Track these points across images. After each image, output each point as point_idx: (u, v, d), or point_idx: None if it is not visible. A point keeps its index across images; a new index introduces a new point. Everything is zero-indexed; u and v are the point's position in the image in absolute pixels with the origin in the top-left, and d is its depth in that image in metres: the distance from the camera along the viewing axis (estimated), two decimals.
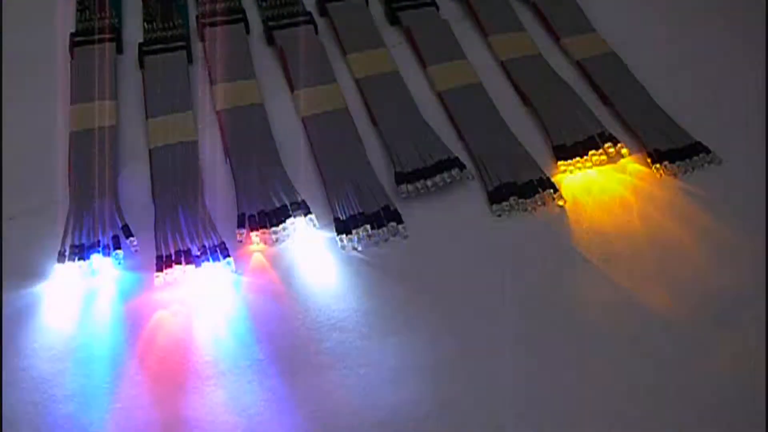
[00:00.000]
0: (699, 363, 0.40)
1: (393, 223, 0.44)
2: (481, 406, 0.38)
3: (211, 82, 0.53)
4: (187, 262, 0.42)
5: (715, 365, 0.39)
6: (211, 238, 0.43)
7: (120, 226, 0.43)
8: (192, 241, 0.43)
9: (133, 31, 0.57)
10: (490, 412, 0.38)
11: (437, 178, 0.46)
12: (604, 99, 0.53)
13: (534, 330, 0.41)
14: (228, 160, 0.48)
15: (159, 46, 0.54)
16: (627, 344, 0.40)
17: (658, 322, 0.41)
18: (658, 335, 0.41)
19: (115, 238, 0.43)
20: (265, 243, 0.44)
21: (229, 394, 0.38)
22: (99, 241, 0.43)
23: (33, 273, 0.42)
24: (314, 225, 0.44)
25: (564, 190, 0.47)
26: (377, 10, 0.60)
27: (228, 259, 0.42)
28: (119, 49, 0.55)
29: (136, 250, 0.43)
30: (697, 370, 0.39)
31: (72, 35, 0.55)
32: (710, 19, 0.61)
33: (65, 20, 0.57)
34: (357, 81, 0.53)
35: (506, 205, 0.46)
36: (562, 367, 0.39)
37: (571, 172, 0.49)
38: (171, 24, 0.57)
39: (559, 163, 0.49)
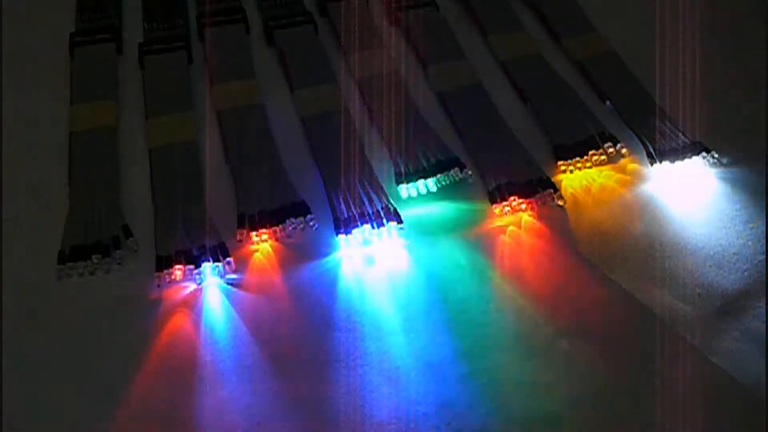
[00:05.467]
0: (699, 362, 0.40)
1: (393, 223, 0.44)
2: (481, 406, 0.38)
3: (211, 82, 0.53)
4: (187, 262, 0.42)
5: (715, 365, 0.39)
6: (211, 238, 0.43)
7: (120, 226, 0.43)
8: (192, 241, 0.43)
9: (133, 31, 0.57)
10: (489, 412, 0.37)
11: (437, 178, 0.46)
12: (604, 99, 0.53)
13: (534, 329, 0.41)
14: (228, 160, 0.48)
15: (159, 46, 0.54)
16: (626, 343, 0.40)
17: (657, 322, 0.41)
18: (658, 335, 0.41)
19: (115, 238, 0.43)
20: (265, 243, 0.44)
21: (229, 394, 0.38)
22: (99, 241, 0.43)
23: (33, 273, 0.42)
24: (314, 225, 0.44)
25: (564, 190, 0.47)
26: (377, 9, 0.60)
27: (228, 259, 0.42)
28: (119, 49, 0.55)
29: (136, 250, 0.43)
30: (697, 370, 0.39)
31: (72, 35, 0.55)
32: (710, 19, 0.61)
33: (65, 20, 0.57)
34: (357, 81, 0.53)
35: (506, 205, 0.46)
36: (561, 367, 0.39)
37: (571, 172, 0.49)
38: (171, 24, 0.57)
39: (559, 163, 0.49)
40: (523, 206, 0.46)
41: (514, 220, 0.46)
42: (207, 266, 0.42)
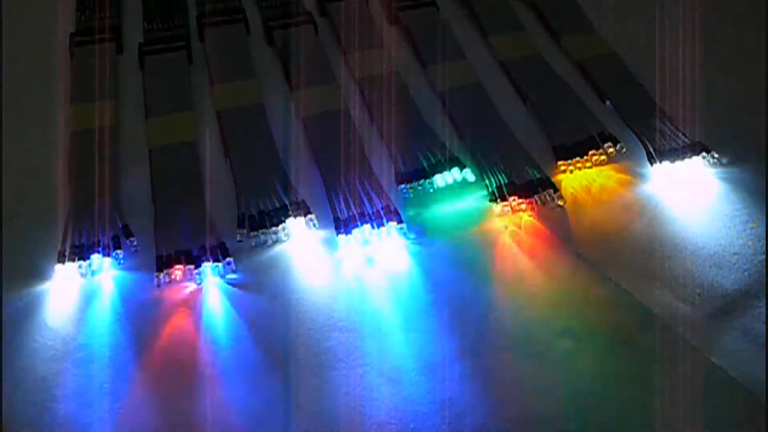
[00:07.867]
0: (699, 362, 0.40)
1: (393, 223, 0.44)
2: (481, 406, 0.38)
3: (211, 82, 0.53)
4: (187, 262, 0.42)
5: (715, 365, 0.39)
6: (211, 238, 0.43)
7: (120, 226, 0.43)
8: (192, 241, 0.43)
9: (133, 31, 0.57)
10: (489, 412, 0.38)
11: (437, 178, 0.46)
12: (604, 99, 0.53)
13: (534, 329, 0.41)
14: (228, 160, 0.48)
15: (159, 46, 0.54)
16: (626, 343, 0.40)
17: (657, 322, 0.41)
18: (658, 335, 0.41)
19: (115, 238, 0.43)
20: (265, 243, 0.44)
21: (229, 394, 0.38)
22: (99, 241, 0.43)
23: (33, 273, 0.42)
24: (314, 225, 0.44)
25: (564, 190, 0.47)
26: (377, 10, 0.60)
27: (228, 259, 0.42)
28: (119, 49, 0.55)
29: (136, 250, 0.43)
30: (697, 370, 0.39)
31: (72, 35, 0.55)
32: (710, 19, 0.61)
33: (65, 20, 0.57)
34: (357, 81, 0.53)
35: (506, 205, 0.46)
36: (562, 366, 0.39)
37: (571, 172, 0.49)
38: (171, 24, 0.57)
39: (559, 163, 0.49)
40: (523, 206, 0.46)
41: (514, 220, 0.46)
42: (207, 266, 0.42)
